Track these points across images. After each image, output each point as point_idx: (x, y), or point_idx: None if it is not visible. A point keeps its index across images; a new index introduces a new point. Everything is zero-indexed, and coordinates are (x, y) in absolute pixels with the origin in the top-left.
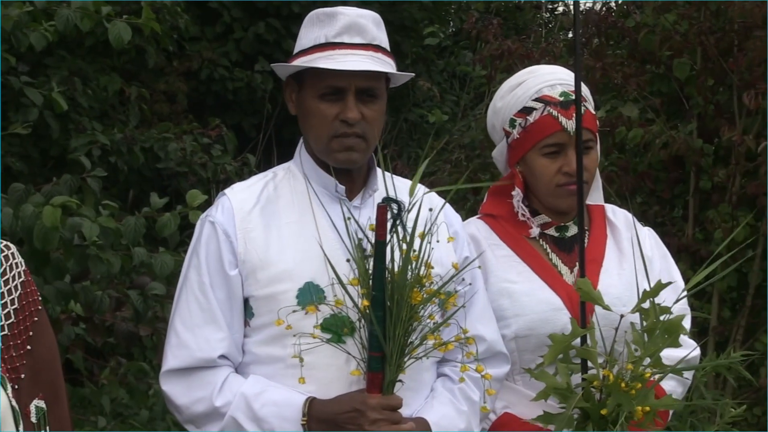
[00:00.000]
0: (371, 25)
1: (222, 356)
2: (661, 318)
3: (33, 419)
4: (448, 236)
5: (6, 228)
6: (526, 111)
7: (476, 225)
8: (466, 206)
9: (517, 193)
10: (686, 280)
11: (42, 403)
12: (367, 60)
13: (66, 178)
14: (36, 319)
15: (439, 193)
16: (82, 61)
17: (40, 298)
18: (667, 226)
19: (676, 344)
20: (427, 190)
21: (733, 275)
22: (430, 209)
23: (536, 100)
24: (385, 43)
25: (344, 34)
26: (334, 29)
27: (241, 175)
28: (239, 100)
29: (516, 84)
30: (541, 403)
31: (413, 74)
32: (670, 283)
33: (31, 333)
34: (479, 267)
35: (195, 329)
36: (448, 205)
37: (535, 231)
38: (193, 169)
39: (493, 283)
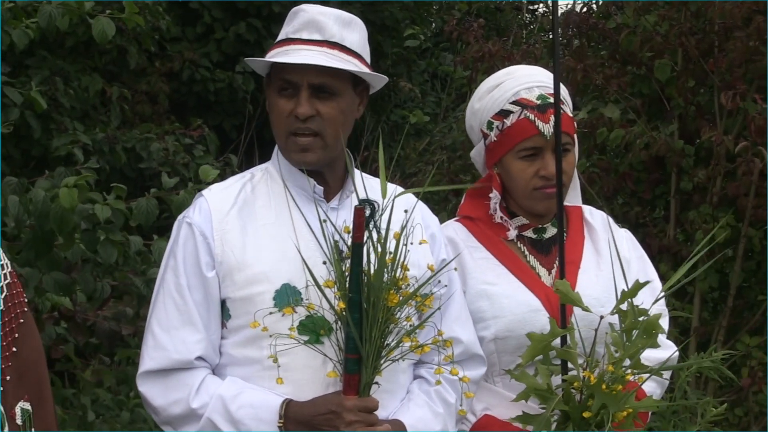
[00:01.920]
0: (332, 22)
1: (199, 358)
2: (639, 319)
3: (18, 421)
4: (421, 238)
5: (11, 217)
6: (503, 114)
7: (454, 227)
8: (447, 207)
9: (495, 195)
10: (667, 281)
11: (27, 405)
12: (317, 55)
13: (60, 171)
14: (22, 321)
15: (415, 194)
16: (63, 62)
17: (26, 300)
18: (648, 227)
19: (655, 344)
20: (400, 190)
21: (714, 276)
22: (405, 210)
23: (513, 103)
24: (349, 42)
25: (303, 30)
26: (294, 26)
27: (224, 175)
28: (221, 100)
29: (494, 85)
30: (522, 404)
31: (379, 75)
32: (647, 282)
33: (16, 335)
34: (455, 269)
35: (172, 331)
36: (425, 206)
37: (512, 233)
38: (176, 169)
39: (472, 285)
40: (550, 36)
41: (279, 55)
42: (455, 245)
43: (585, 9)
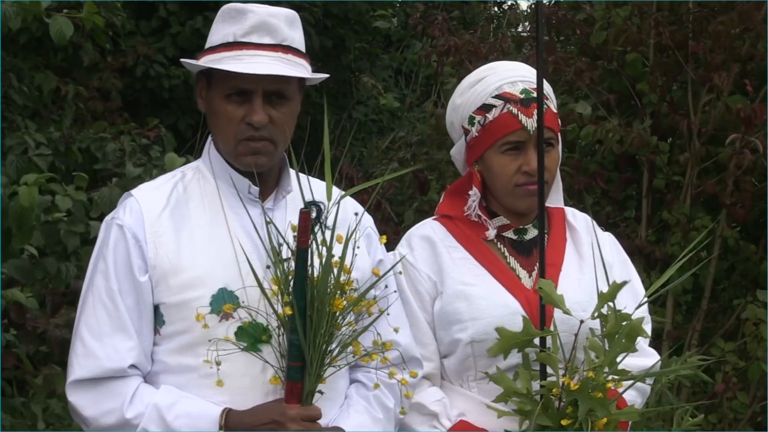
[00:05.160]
0: (282, 24)
1: (132, 366)
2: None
3: None
4: (380, 237)
5: None
6: (485, 108)
7: (432, 226)
8: (412, 206)
9: (474, 193)
10: (650, 287)
11: None
12: (274, 62)
13: (11, 160)
14: None
15: (362, 192)
16: (14, 58)
17: None
18: (620, 228)
19: (633, 349)
20: (342, 192)
21: (687, 278)
22: (356, 213)
23: (496, 97)
24: (297, 42)
25: (253, 33)
26: (242, 28)
27: None
28: (176, 98)
29: (476, 80)
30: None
31: (326, 75)
32: (625, 283)
33: None
34: (400, 272)
35: (103, 338)
36: (358, 205)
37: (491, 233)
38: (123, 175)
39: (450, 285)
40: (519, 31)
41: (230, 61)
42: (433, 244)
43: (553, 2)
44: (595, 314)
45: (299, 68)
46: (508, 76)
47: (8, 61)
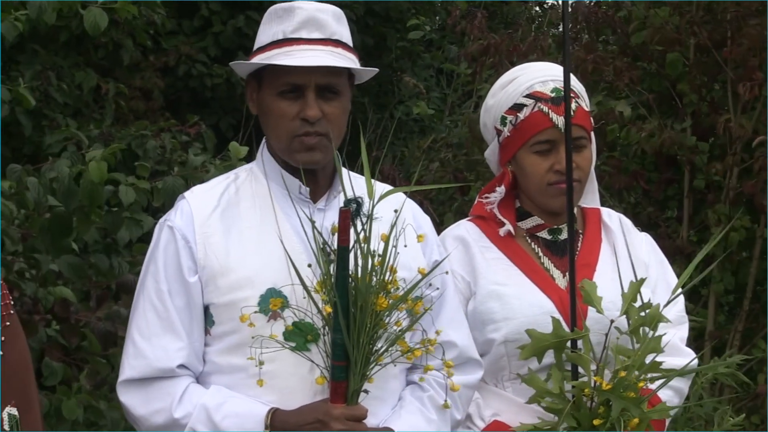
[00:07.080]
0: (331, 19)
1: (181, 366)
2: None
3: (5, 427)
4: (417, 236)
5: (27, 199)
6: (516, 108)
7: (466, 227)
8: (452, 207)
9: (501, 190)
10: (679, 279)
11: (14, 411)
12: (326, 55)
13: (66, 155)
14: (8, 323)
15: (411, 193)
16: (55, 57)
17: (12, 302)
18: (661, 228)
19: (658, 349)
20: (388, 189)
21: (729, 278)
22: (396, 210)
23: (527, 96)
24: (346, 38)
25: (302, 29)
26: (291, 24)
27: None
28: (217, 97)
29: (507, 81)
30: (532, 410)
31: (377, 69)
32: (643, 280)
33: (2, 338)
34: (447, 272)
35: (152, 338)
36: (416, 206)
37: (503, 230)
38: (173, 168)
39: (483, 285)
40: (560, 29)
41: (280, 56)
42: (467, 245)
43: (593, 2)
44: (621, 313)
45: (350, 62)
46: (539, 75)
47: (48, 58)
